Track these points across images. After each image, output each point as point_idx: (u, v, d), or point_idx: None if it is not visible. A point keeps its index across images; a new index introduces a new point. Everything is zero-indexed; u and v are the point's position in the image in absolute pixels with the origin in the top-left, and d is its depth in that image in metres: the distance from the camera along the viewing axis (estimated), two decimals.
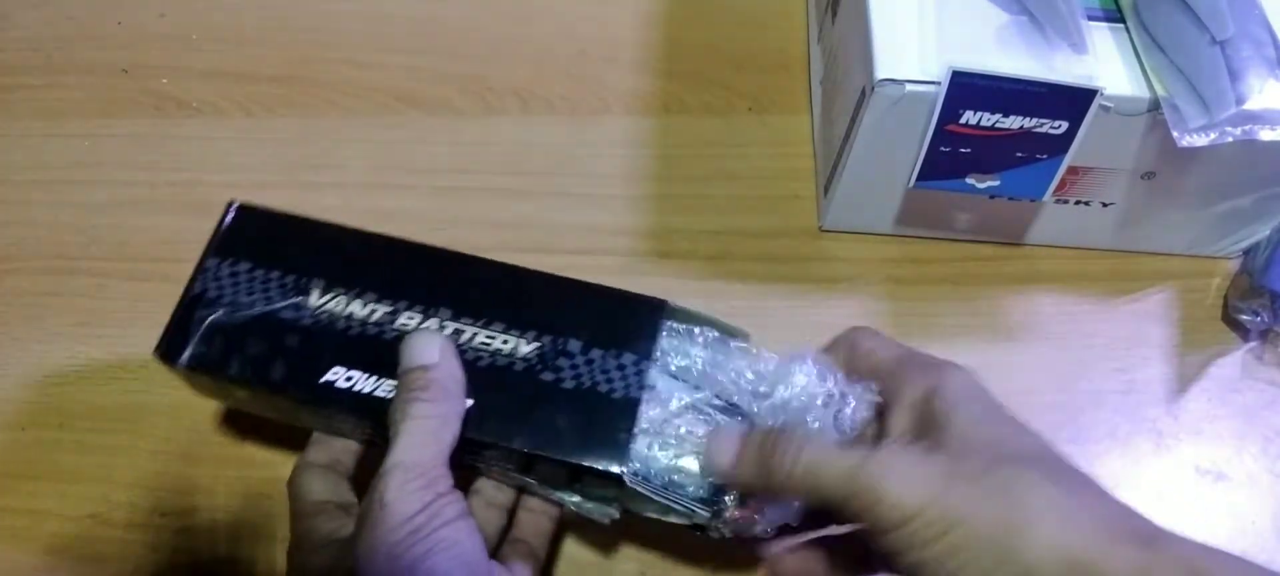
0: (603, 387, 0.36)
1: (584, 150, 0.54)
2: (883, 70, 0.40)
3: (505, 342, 0.36)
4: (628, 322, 0.37)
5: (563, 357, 0.36)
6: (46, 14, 0.58)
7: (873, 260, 0.51)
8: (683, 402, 0.36)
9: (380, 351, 0.36)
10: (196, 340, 0.36)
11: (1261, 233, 0.49)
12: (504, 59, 0.57)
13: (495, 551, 0.37)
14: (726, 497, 0.35)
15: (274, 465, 0.44)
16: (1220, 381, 0.48)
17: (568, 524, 0.42)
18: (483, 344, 0.36)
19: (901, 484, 0.29)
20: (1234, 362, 0.49)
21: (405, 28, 0.58)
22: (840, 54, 0.49)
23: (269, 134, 0.54)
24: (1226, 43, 0.39)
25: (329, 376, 0.36)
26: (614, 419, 0.35)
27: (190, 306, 0.37)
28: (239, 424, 0.45)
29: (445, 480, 0.33)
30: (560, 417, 0.35)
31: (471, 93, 0.56)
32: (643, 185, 0.53)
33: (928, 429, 0.32)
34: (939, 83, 0.39)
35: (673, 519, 0.37)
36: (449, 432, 0.34)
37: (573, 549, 0.42)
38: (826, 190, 0.50)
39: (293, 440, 0.40)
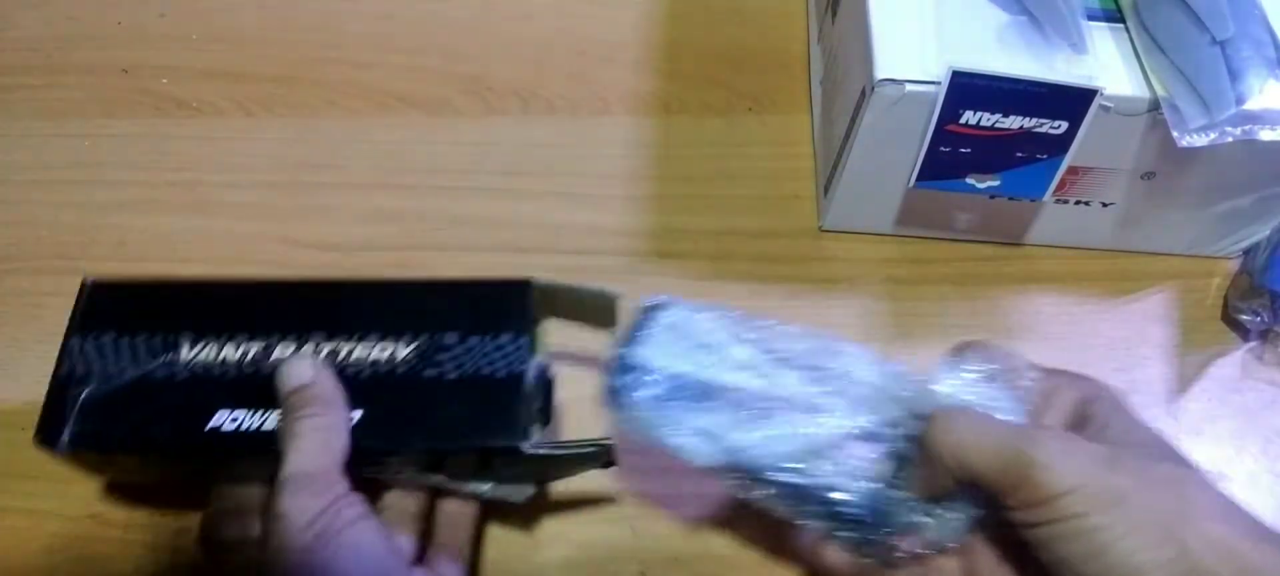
0: (485, 370, 0.37)
1: (584, 150, 0.54)
2: (883, 70, 0.40)
3: (383, 350, 0.37)
4: (499, 305, 0.38)
5: (441, 352, 0.37)
6: (46, 14, 0.58)
7: (873, 260, 0.51)
8: (855, 426, 0.35)
9: (260, 386, 0.36)
10: (74, 420, 0.35)
11: (1261, 233, 0.49)
12: (504, 59, 0.57)
13: (419, 558, 0.37)
14: (891, 527, 0.35)
15: None
16: (1220, 381, 0.48)
17: (491, 512, 0.42)
18: (361, 358, 0.37)
19: (1061, 459, 0.30)
20: (1234, 362, 0.49)
21: (405, 28, 0.58)
22: (840, 54, 0.49)
23: (269, 134, 0.54)
24: (1226, 43, 0.39)
25: (214, 422, 0.35)
26: (504, 396, 0.36)
27: (61, 388, 0.36)
28: None
29: (341, 484, 0.33)
30: (452, 408, 0.36)
31: (471, 93, 0.56)
32: (643, 185, 0.53)
33: (1082, 427, 0.33)
34: (939, 83, 0.39)
35: (579, 470, 0.38)
36: (337, 441, 0.34)
37: (572, 550, 0.42)
38: (826, 190, 0.50)
39: None
